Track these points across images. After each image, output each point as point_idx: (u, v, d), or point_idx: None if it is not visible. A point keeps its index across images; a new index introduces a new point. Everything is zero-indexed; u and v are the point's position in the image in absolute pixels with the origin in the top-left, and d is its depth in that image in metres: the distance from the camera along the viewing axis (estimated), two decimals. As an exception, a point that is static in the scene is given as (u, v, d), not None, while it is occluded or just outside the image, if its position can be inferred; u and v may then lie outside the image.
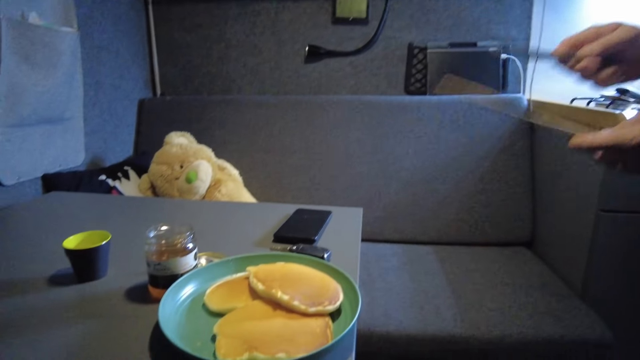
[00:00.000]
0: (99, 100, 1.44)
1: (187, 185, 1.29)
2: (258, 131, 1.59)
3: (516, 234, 1.47)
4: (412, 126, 1.54)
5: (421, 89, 1.67)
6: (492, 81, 1.62)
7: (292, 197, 1.53)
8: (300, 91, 1.73)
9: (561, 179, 1.31)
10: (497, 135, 1.50)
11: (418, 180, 1.51)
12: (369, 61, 1.68)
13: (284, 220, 0.93)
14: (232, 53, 1.73)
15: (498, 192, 1.49)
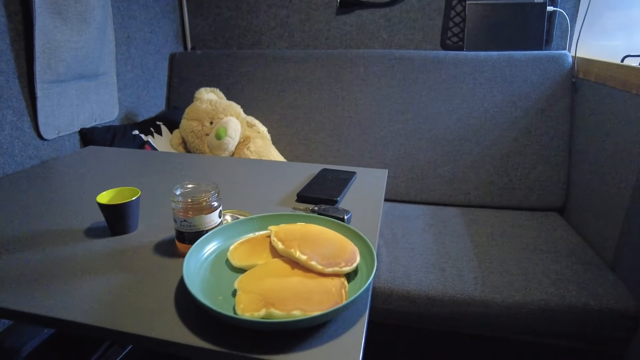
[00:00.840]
0: (130, 55, 1.46)
1: (216, 142, 1.31)
2: (287, 87, 1.58)
3: (549, 199, 1.43)
4: (447, 83, 1.48)
5: (458, 43, 1.59)
6: (535, 36, 1.51)
7: (319, 154, 1.53)
8: (331, 45, 1.68)
9: (600, 145, 1.24)
10: (535, 95, 1.43)
11: (450, 140, 1.47)
12: (404, 13, 1.60)
13: (308, 179, 0.94)
14: (262, 5, 1.68)
15: (533, 154, 1.43)
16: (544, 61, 1.44)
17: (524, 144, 1.43)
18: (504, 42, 1.52)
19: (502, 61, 1.46)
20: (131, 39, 1.45)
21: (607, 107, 1.23)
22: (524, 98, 1.44)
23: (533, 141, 1.43)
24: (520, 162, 1.44)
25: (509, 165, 1.44)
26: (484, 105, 1.45)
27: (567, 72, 1.42)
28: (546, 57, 1.45)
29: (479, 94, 1.46)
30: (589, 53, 1.49)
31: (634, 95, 1.10)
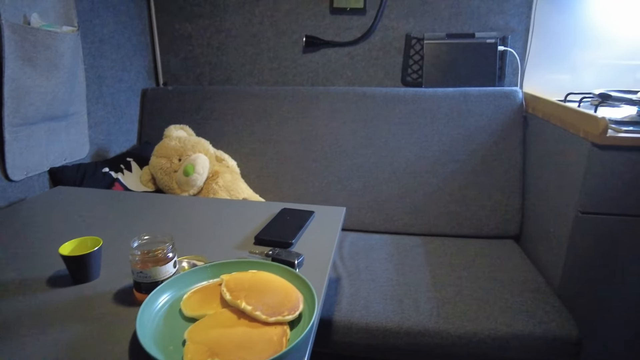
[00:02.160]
0: (102, 94, 1.50)
1: (184, 178, 1.36)
2: (256, 122, 1.64)
3: (505, 228, 1.51)
4: (407, 118, 1.56)
5: (417, 80, 1.68)
6: (488, 73, 1.62)
7: (287, 187, 1.59)
8: (298, 81, 1.76)
9: (548, 177, 1.34)
10: (490, 129, 1.52)
11: (410, 172, 1.54)
12: (367, 52, 1.69)
13: (268, 219, 0.99)
14: (232, 43, 1.75)
15: (489, 185, 1.52)
16: (497, 97, 1.54)
17: (480, 174, 1.52)
18: (459, 79, 1.62)
19: (458, 97, 1.56)
20: (102, 78, 1.50)
21: (552, 142, 1.33)
22: (479, 131, 1.53)
23: (488, 172, 1.52)
24: (477, 192, 1.52)
25: (467, 195, 1.52)
26: (442, 139, 1.54)
27: (519, 107, 1.52)
28: (499, 93, 1.55)
29: (437, 127, 1.54)
30: (539, 89, 1.60)
31: (571, 133, 1.19)
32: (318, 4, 1.66)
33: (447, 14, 1.62)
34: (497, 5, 1.59)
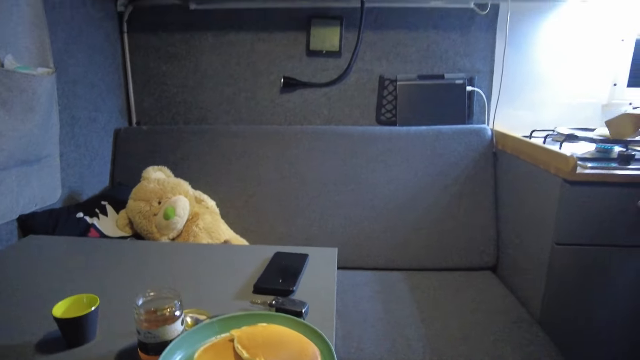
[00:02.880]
0: (75, 135, 1.45)
1: (165, 222, 1.32)
2: (234, 161, 1.63)
3: (482, 259, 1.56)
4: (384, 156, 1.61)
5: (392, 119, 1.75)
6: (458, 112, 1.71)
7: (269, 226, 1.58)
8: (275, 121, 1.78)
9: (521, 209, 1.41)
10: (463, 164, 1.59)
11: (390, 208, 1.58)
12: (342, 92, 1.74)
13: (262, 264, 0.98)
14: (208, 83, 1.76)
15: (464, 218, 1.58)
16: (468, 134, 1.63)
17: (456, 208, 1.58)
18: (432, 118, 1.70)
19: (431, 135, 1.63)
20: (76, 119, 1.45)
21: (522, 176, 1.41)
22: (453, 167, 1.60)
23: (464, 206, 1.58)
24: (454, 225, 1.57)
25: (445, 228, 1.57)
26: (418, 175, 1.59)
27: (488, 143, 1.61)
28: (469, 131, 1.64)
29: (413, 164, 1.60)
30: (505, 126, 1.70)
31: (541, 169, 1.27)
32: (295, 47, 1.71)
33: (417, 57, 1.71)
34: (464, 49, 1.70)
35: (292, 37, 1.70)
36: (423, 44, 1.71)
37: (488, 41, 1.70)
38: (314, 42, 1.68)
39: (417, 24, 1.69)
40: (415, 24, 1.69)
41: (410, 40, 1.71)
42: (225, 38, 1.72)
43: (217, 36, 1.72)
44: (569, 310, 1.24)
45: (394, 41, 1.70)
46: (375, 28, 1.69)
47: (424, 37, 1.70)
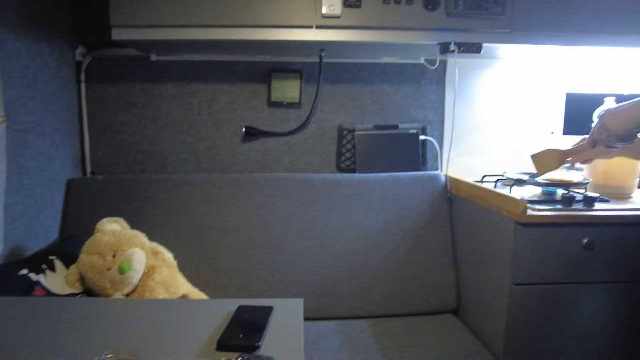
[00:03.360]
0: (22, 185, 1.38)
1: (119, 276, 1.25)
2: (194, 210, 1.60)
3: (444, 303, 1.58)
4: (345, 202, 1.64)
5: (351, 166, 1.80)
6: (413, 159, 1.79)
7: (228, 278, 1.53)
8: (237, 169, 1.78)
9: (478, 252, 1.46)
10: (420, 209, 1.65)
11: (352, 254, 1.59)
12: (303, 141, 1.79)
13: (225, 319, 0.94)
14: (168, 132, 1.75)
15: (425, 262, 1.60)
16: (423, 180, 1.69)
17: (417, 253, 1.61)
18: (389, 165, 1.77)
19: (389, 181, 1.68)
20: (24, 169, 1.38)
21: (476, 220, 1.47)
22: (411, 212, 1.64)
23: (424, 250, 1.61)
24: (415, 270, 1.59)
25: (406, 273, 1.59)
26: (378, 221, 1.62)
27: (443, 189, 1.68)
28: (424, 177, 1.71)
29: (373, 210, 1.63)
30: (457, 171, 1.79)
31: (494, 212, 1.34)
32: (256, 98, 1.75)
33: (373, 108, 1.80)
34: (415, 101, 1.81)
35: (254, 89, 1.75)
36: (378, 97, 1.80)
37: (438, 93, 1.82)
38: (275, 93, 1.74)
39: (372, 78, 1.79)
40: (371, 78, 1.79)
41: (366, 93, 1.80)
42: (187, 88, 1.74)
43: (179, 86, 1.74)
44: (531, 349, 1.26)
45: (351, 94, 1.79)
46: (334, 81, 1.77)
47: (378, 90, 1.80)
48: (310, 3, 1.38)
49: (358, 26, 1.40)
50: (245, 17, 1.38)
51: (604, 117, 1.06)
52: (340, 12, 1.37)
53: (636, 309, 1.25)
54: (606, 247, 1.24)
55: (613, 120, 1.03)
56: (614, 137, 1.04)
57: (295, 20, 1.39)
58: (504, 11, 1.42)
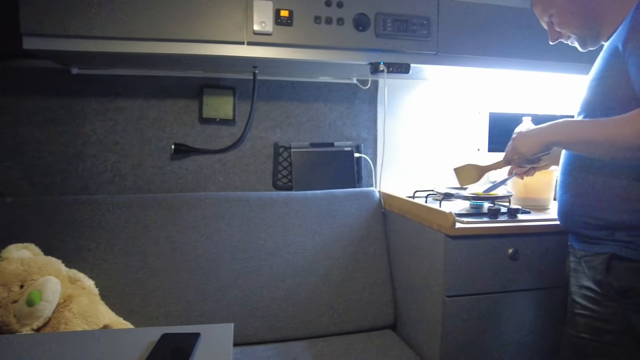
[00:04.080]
0: None
1: (27, 309, 1.12)
2: (118, 233, 1.48)
3: (381, 319, 1.58)
4: (281, 220, 1.60)
5: (288, 183, 1.78)
6: (348, 176, 1.80)
7: (157, 304, 1.43)
8: (165, 188, 1.69)
9: (412, 266, 1.48)
10: (356, 226, 1.65)
11: (289, 274, 1.55)
12: (237, 158, 1.74)
13: (147, 349, 0.86)
14: (91, 150, 1.63)
15: (362, 278, 1.60)
16: (358, 197, 1.71)
17: (353, 269, 1.60)
18: (325, 182, 1.77)
19: (325, 198, 1.68)
20: None
21: (409, 234, 1.50)
22: (347, 229, 1.64)
23: (360, 266, 1.61)
24: (353, 286, 1.59)
25: (344, 291, 1.57)
26: (315, 238, 1.61)
27: (377, 205, 1.71)
28: (359, 194, 1.72)
29: (310, 228, 1.62)
30: (391, 187, 1.83)
31: (426, 226, 1.37)
32: (187, 114, 1.69)
33: (309, 126, 1.80)
34: (350, 120, 1.84)
35: (184, 105, 1.69)
36: (314, 115, 1.81)
37: (371, 112, 1.87)
38: (207, 110, 1.69)
39: (307, 96, 1.80)
40: (306, 96, 1.80)
41: (302, 110, 1.80)
42: (112, 104, 1.64)
43: (102, 102, 1.63)
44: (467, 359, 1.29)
45: (286, 111, 1.78)
46: (268, 99, 1.76)
47: (314, 109, 1.81)
48: (241, 19, 1.37)
49: (290, 44, 1.40)
50: (175, 31, 1.34)
51: (515, 140, 1.15)
52: (272, 29, 1.37)
53: (558, 312, 1.32)
54: (529, 255, 1.31)
55: (523, 143, 1.12)
56: (523, 159, 1.12)
57: (226, 36, 1.36)
58: (430, 34, 1.50)
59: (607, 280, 0.98)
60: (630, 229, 0.95)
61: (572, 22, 1.09)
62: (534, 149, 1.09)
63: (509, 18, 1.58)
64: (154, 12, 1.32)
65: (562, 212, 1.12)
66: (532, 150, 1.10)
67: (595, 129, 0.95)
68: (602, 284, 0.99)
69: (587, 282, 1.04)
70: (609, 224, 0.98)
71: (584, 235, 1.05)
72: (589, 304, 1.03)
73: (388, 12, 1.46)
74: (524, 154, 1.12)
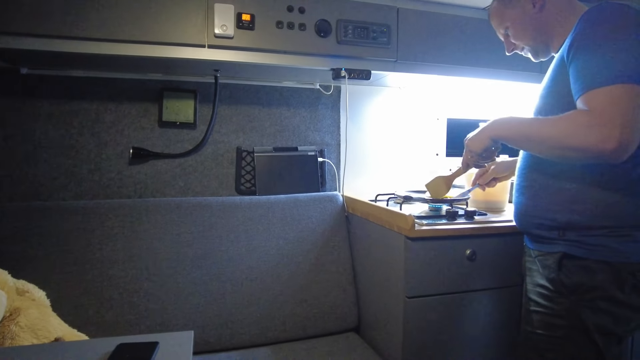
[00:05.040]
0: None
1: (-31, 324, 1.05)
2: (72, 241, 1.42)
3: (345, 321, 1.60)
4: (245, 226, 1.59)
5: (251, 188, 1.76)
6: (312, 181, 1.81)
7: (115, 314, 1.38)
8: (123, 194, 1.64)
9: (375, 268, 1.50)
10: (320, 229, 1.66)
11: (252, 279, 1.53)
12: (199, 163, 1.71)
13: None
14: (42, 154, 1.55)
15: (326, 282, 1.61)
16: (322, 201, 1.72)
17: (317, 273, 1.61)
18: (289, 186, 1.77)
19: (289, 203, 1.67)
20: None
21: (372, 237, 1.52)
22: (311, 233, 1.65)
23: (324, 270, 1.62)
24: (317, 290, 1.59)
25: (308, 295, 1.58)
26: (279, 243, 1.60)
27: (340, 208, 1.72)
28: (323, 198, 1.73)
29: (274, 232, 1.61)
30: (354, 191, 1.85)
31: (387, 229, 1.39)
32: (145, 117, 1.65)
33: (272, 130, 1.80)
34: (313, 125, 1.85)
35: (143, 108, 1.64)
36: (277, 119, 1.81)
37: (334, 118, 1.88)
38: (167, 113, 1.65)
39: (270, 101, 1.80)
40: (269, 101, 1.80)
41: (265, 115, 1.79)
42: (66, 107, 1.57)
43: (56, 104, 1.56)
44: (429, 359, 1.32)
45: (249, 115, 1.77)
46: (231, 103, 1.74)
47: (277, 113, 1.81)
48: (202, 22, 1.35)
49: (251, 48, 1.40)
50: (133, 32, 1.31)
51: (466, 142, 1.20)
52: (233, 33, 1.36)
53: (514, 310, 1.37)
54: (486, 256, 1.36)
55: (472, 142, 1.18)
56: (477, 156, 1.17)
57: (186, 38, 1.35)
58: (390, 41, 1.53)
59: (559, 278, 1.03)
60: (579, 229, 1.01)
61: (525, 35, 1.16)
62: (481, 144, 1.15)
63: (465, 27, 1.64)
64: (110, 11, 1.28)
65: (518, 214, 1.17)
66: (481, 146, 1.16)
67: (532, 126, 1.02)
68: (555, 282, 1.04)
69: (541, 280, 1.09)
70: (560, 224, 1.04)
71: (538, 235, 1.10)
72: (543, 300, 1.07)
73: (349, 19, 1.48)
74: (474, 151, 1.18)
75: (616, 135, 0.85)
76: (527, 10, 1.13)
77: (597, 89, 0.89)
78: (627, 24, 0.92)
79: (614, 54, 0.89)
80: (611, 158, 0.88)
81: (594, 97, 0.89)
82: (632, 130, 0.86)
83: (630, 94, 0.86)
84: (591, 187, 1.00)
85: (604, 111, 0.87)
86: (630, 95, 0.86)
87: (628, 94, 0.86)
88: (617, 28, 0.92)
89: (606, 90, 0.88)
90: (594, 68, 0.90)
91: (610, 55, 0.89)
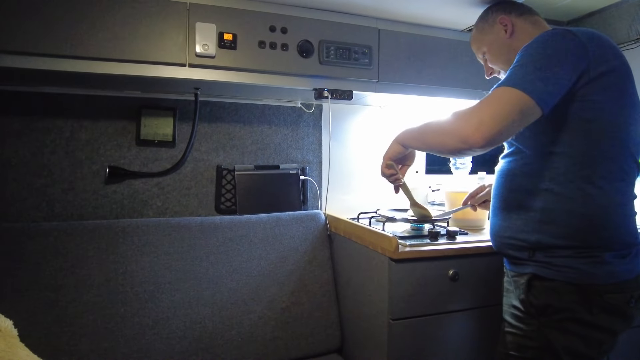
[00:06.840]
0: None
1: None
2: (44, 264, 1.36)
3: (327, 343, 1.57)
4: (225, 246, 1.55)
5: (232, 207, 1.73)
6: (294, 199, 1.80)
7: (89, 342, 1.31)
8: (99, 215, 1.58)
9: (358, 289, 1.49)
10: (302, 249, 1.64)
11: (233, 302, 1.50)
12: (178, 182, 1.67)
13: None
14: (12, 174, 1.49)
15: (308, 303, 1.59)
16: (304, 220, 1.70)
17: (300, 294, 1.58)
18: (270, 205, 1.75)
19: (271, 222, 1.65)
20: None
21: (355, 257, 1.51)
22: (293, 252, 1.63)
23: (306, 290, 1.60)
24: (299, 312, 1.56)
25: (290, 317, 1.55)
26: (261, 264, 1.57)
27: (323, 227, 1.71)
28: (305, 216, 1.72)
29: (255, 253, 1.58)
30: (336, 209, 1.84)
31: (371, 249, 1.39)
32: (122, 135, 1.60)
33: (253, 148, 1.78)
34: (295, 143, 1.84)
35: (120, 126, 1.60)
36: (258, 137, 1.79)
37: (315, 136, 1.88)
38: (145, 131, 1.61)
39: (251, 119, 1.78)
40: (250, 119, 1.78)
41: (246, 133, 1.77)
42: (38, 124, 1.51)
43: (27, 121, 1.50)
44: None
45: (230, 133, 1.75)
46: (211, 120, 1.72)
47: (258, 131, 1.79)
48: (183, 41, 1.33)
49: (233, 67, 1.38)
50: (112, 50, 1.28)
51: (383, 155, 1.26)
52: (215, 52, 1.35)
53: (495, 329, 1.38)
54: (468, 276, 1.36)
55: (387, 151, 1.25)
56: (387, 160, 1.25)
57: (166, 57, 1.32)
58: (372, 62, 1.55)
59: (529, 298, 1.05)
60: (547, 249, 1.03)
61: (499, 59, 1.22)
62: (391, 150, 1.23)
63: (445, 49, 1.68)
64: (87, 27, 1.25)
65: (493, 234, 1.19)
66: (391, 152, 1.23)
67: (428, 126, 1.12)
68: (525, 303, 1.05)
69: (514, 301, 1.10)
70: (529, 244, 1.06)
71: (511, 256, 1.12)
72: (515, 321, 1.09)
73: (331, 39, 1.49)
74: (386, 156, 1.24)
75: (475, 124, 0.94)
76: (500, 37, 1.20)
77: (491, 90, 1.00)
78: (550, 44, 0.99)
79: (519, 67, 0.99)
80: (472, 144, 0.95)
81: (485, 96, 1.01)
82: (495, 123, 0.93)
83: (509, 94, 0.95)
84: (559, 208, 1.02)
85: (480, 103, 0.98)
86: (509, 96, 0.95)
87: (507, 94, 0.95)
88: (539, 46, 1.00)
89: (493, 90, 0.99)
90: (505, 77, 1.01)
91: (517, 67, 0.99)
